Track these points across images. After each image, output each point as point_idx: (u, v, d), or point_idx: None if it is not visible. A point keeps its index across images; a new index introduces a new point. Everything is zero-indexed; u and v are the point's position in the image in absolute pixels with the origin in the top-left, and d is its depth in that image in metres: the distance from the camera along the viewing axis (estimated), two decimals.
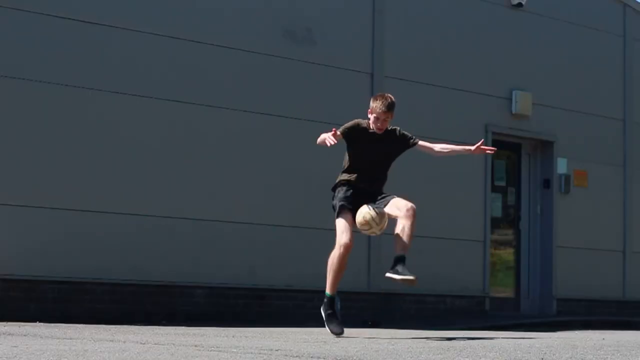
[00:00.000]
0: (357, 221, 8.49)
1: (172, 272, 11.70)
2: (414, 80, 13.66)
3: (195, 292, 11.88)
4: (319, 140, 8.68)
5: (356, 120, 8.79)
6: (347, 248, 8.56)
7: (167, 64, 11.83)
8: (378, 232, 8.59)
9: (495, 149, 9.33)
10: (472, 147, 8.91)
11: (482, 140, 9.05)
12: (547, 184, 15.24)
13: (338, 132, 8.58)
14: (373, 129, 8.69)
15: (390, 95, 8.79)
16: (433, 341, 8.20)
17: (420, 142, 8.90)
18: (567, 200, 15.29)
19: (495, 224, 14.93)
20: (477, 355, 6.29)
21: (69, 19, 11.23)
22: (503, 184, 15.17)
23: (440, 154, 9.02)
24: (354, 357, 6.02)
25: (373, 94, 13.23)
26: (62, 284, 11.04)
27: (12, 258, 10.77)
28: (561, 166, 15.28)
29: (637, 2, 16.38)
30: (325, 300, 8.79)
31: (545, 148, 15.30)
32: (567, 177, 15.27)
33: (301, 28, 12.84)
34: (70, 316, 10.89)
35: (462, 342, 8.10)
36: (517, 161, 15.33)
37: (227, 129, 12.19)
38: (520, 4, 14.78)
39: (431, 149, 8.94)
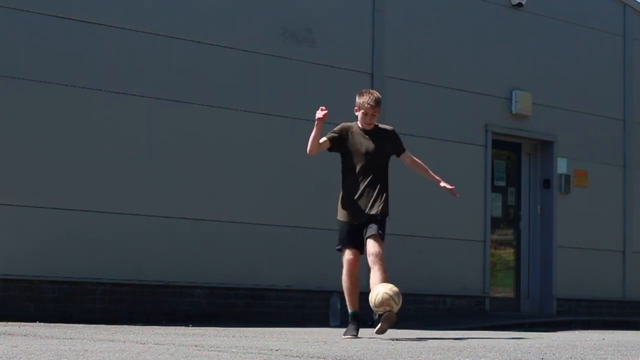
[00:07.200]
0: (374, 301, 8.38)
1: (172, 272, 11.70)
2: (414, 80, 13.66)
3: (195, 292, 11.89)
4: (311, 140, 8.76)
5: (341, 124, 8.89)
6: (349, 262, 8.71)
7: (167, 64, 11.83)
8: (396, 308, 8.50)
9: (456, 195, 9.15)
10: (442, 183, 8.87)
11: (453, 187, 8.94)
12: (547, 184, 15.25)
13: (326, 138, 8.75)
14: (362, 127, 8.75)
15: (376, 91, 8.86)
16: (433, 341, 8.20)
17: (406, 154, 8.89)
18: (567, 200, 15.29)
19: (495, 224, 14.93)
20: (477, 355, 6.29)
21: (69, 19, 11.23)
22: (503, 184, 15.17)
23: (412, 165, 8.97)
24: (354, 357, 6.01)
25: None
26: (62, 284, 11.04)
27: (12, 258, 10.77)
28: (561, 166, 15.29)
29: (637, 2, 16.38)
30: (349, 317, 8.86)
31: (545, 148, 15.30)
32: (567, 177, 15.27)
33: (301, 28, 12.85)
34: (70, 316, 10.90)
35: (462, 342, 8.10)
36: (517, 161, 15.33)
37: (227, 129, 12.19)
38: (520, 4, 14.78)
39: (411, 162, 8.92)
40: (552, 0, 15.36)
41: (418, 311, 13.59)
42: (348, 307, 8.88)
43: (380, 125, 8.90)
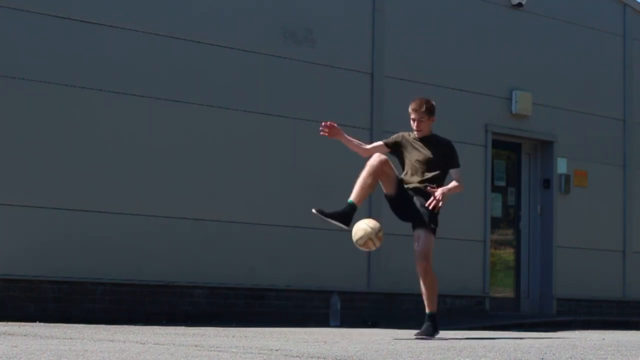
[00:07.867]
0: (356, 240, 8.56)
1: (172, 272, 11.70)
2: (414, 80, 13.65)
3: (195, 292, 11.89)
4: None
5: (399, 133, 9.01)
6: (378, 156, 8.54)
7: (167, 64, 11.83)
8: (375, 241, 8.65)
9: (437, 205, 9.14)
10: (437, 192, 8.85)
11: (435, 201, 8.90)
12: (547, 184, 15.24)
13: (382, 142, 8.96)
14: (415, 135, 8.88)
15: (429, 99, 8.92)
16: (433, 341, 8.20)
17: (455, 170, 8.99)
18: (567, 200, 15.29)
19: (495, 224, 14.93)
20: (477, 355, 6.29)
21: (69, 19, 11.23)
22: (503, 184, 15.17)
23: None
24: (354, 357, 6.01)
25: (373, 94, 13.32)
26: (62, 284, 11.04)
27: (12, 258, 10.77)
28: (561, 166, 15.29)
29: (637, 2, 16.38)
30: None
31: (545, 148, 15.30)
32: (567, 177, 15.27)
33: (301, 28, 12.84)
34: (70, 316, 10.90)
35: (462, 342, 8.10)
36: (517, 161, 15.33)
37: (227, 129, 12.19)
38: (520, 4, 14.78)
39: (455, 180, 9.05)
40: (552, 0, 15.36)
41: (418, 311, 13.55)
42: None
43: (437, 135, 8.97)
